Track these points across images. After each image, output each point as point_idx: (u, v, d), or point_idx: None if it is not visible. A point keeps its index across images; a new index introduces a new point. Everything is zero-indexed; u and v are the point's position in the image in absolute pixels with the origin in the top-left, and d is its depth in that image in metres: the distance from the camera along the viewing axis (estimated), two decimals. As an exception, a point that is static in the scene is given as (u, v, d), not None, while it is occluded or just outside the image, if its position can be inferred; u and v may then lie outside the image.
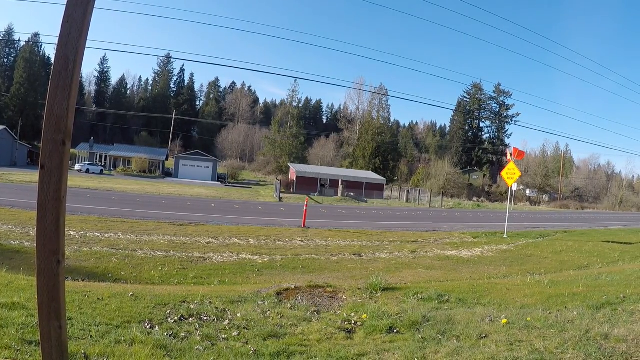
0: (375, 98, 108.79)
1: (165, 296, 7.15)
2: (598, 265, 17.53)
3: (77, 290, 7.14)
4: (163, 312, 6.20)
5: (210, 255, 14.00)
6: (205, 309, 6.42)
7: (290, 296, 7.79)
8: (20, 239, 13.68)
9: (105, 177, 57.50)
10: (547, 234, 27.57)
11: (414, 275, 13.53)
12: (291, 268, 13.24)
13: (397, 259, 16.03)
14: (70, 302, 6.28)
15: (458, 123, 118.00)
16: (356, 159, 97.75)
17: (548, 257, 18.89)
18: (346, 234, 21.37)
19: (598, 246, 23.23)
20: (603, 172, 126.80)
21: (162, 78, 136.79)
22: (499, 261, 17.30)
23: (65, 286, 7.28)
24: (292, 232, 20.36)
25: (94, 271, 11.17)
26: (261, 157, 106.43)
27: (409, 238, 21.53)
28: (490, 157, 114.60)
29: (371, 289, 8.47)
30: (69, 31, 2.47)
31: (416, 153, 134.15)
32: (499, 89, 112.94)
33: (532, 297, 8.59)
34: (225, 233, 18.26)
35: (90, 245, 13.87)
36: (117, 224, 18.36)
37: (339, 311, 6.97)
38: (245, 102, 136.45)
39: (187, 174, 71.60)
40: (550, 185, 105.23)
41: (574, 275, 13.08)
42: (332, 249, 17.02)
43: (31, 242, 13.14)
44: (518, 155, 27.26)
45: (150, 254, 13.54)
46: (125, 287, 8.15)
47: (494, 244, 21.70)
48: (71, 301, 6.36)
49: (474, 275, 14.09)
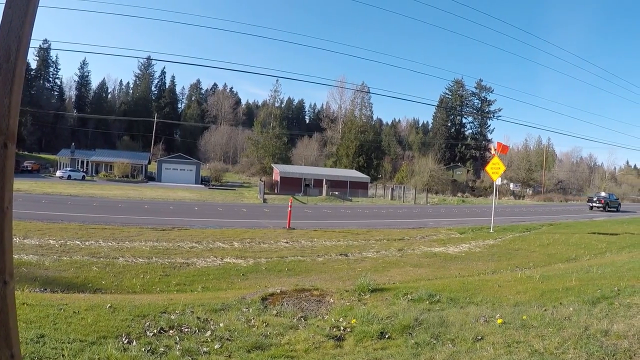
0: (358, 96, 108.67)
1: (145, 307, 6.83)
2: (586, 257, 17.53)
3: (52, 304, 6.82)
4: (142, 325, 5.89)
5: (194, 261, 13.65)
6: (186, 320, 6.10)
7: (276, 301, 7.51)
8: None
9: (87, 183, 56.66)
10: (533, 227, 27.57)
11: (402, 274, 13.32)
12: (277, 271, 12.94)
13: (384, 258, 15.81)
14: (45, 317, 6.02)
15: (440, 119, 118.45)
16: (340, 157, 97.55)
17: (535, 251, 18.83)
18: (332, 233, 21.11)
19: (584, 238, 23.28)
20: (585, 164, 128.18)
21: (143, 81, 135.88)
22: (486, 256, 17.16)
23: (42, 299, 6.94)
24: (277, 233, 20.07)
25: (74, 281, 10.79)
26: (244, 159, 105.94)
27: (395, 236, 21.33)
28: (473, 153, 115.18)
29: (359, 291, 8.23)
30: (11, 18, 2.17)
31: (399, 150, 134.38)
32: (481, 85, 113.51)
33: (525, 293, 8.39)
34: (208, 237, 17.91)
35: (70, 254, 13.48)
36: (98, 231, 17.94)
37: (326, 316, 6.70)
38: (228, 104, 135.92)
39: (170, 178, 70.92)
40: (534, 179, 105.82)
41: (564, 268, 12.97)
42: (318, 249, 16.75)
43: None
44: (502, 150, 27.23)
45: (132, 261, 13.18)
46: (104, 298, 7.81)
47: (480, 239, 21.59)
48: (45, 316, 6.09)
49: (463, 272, 13.92)
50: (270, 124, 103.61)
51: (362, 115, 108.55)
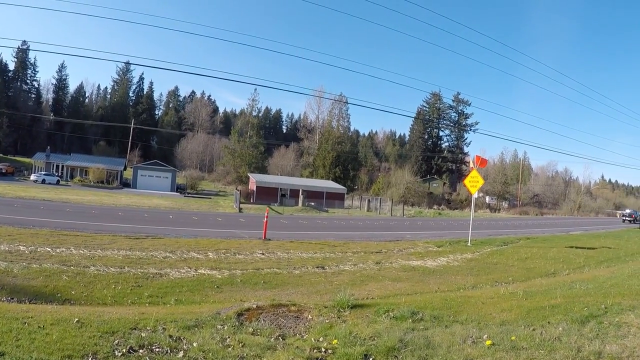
0: (335, 107, 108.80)
1: (115, 322, 6.45)
2: (565, 271, 17.53)
3: (17, 316, 6.43)
4: (110, 343, 5.51)
5: (167, 271, 13.25)
6: (157, 338, 5.73)
7: (252, 317, 7.19)
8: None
9: (61, 188, 55.74)
10: (510, 240, 27.60)
11: (381, 288, 13.06)
12: (252, 284, 12.58)
13: (362, 271, 15.55)
14: (7, 332, 5.64)
15: (417, 132, 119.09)
16: (316, 168, 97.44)
17: (514, 265, 18.75)
18: (308, 245, 20.82)
19: (562, 252, 23.37)
20: (561, 178, 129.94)
21: (121, 87, 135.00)
22: (465, 270, 17.01)
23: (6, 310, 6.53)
24: (252, 244, 19.72)
25: (42, 290, 10.34)
26: (221, 167, 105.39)
27: (372, 248, 21.11)
28: (449, 166, 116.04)
29: (339, 307, 7.95)
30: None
31: (376, 162, 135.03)
32: (458, 98, 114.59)
33: (511, 311, 8.17)
34: (183, 246, 17.50)
35: (40, 262, 12.99)
36: (70, 237, 17.47)
37: (305, 335, 6.38)
38: (205, 112, 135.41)
39: (146, 185, 70.10)
40: (510, 192, 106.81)
41: (547, 284, 12.85)
42: (295, 261, 16.42)
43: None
44: (481, 164, 27.18)
45: (104, 270, 12.73)
46: (72, 311, 7.38)
47: (458, 252, 21.49)
48: (8, 330, 5.71)
49: (442, 287, 13.72)
50: (248, 132, 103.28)
51: (340, 126, 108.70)
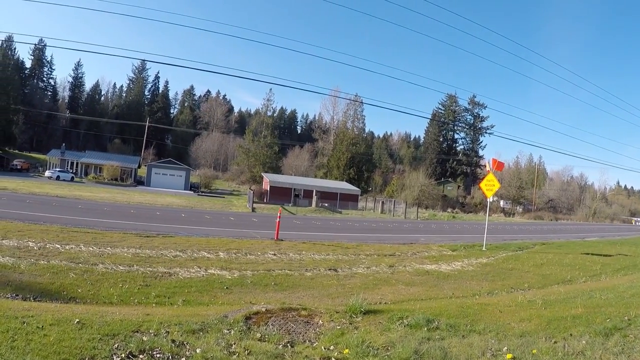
0: (350, 108, 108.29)
1: (117, 323, 6.20)
2: (581, 279, 17.12)
3: (17, 315, 6.21)
4: (109, 346, 5.26)
5: (177, 271, 13.02)
6: (159, 343, 5.46)
7: (260, 321, 6.92)
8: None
9: (75, 185, 55.88)
10: (525, 246, 27.15)
11: (394, 292, 12.75)
12: (262, 285, 12.31)
13: (375, 274, 15.24)
14: (4, 332, 5.41)
15: (432, 134, 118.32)
16: (330, 169, 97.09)
17: (530, 271, 18.33)
18: (321, 246, 20.52)
19: (578, 258, 22.89)
20: (576, 183, 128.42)
21: (136, 85, 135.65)
22: (480, 276, 16.65)
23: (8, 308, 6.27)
24: (264, 244, 19.45)
25: (48, 288, 10.13)
26: (235, 167, 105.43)
27: (386, 251, 20.78)
28: (464, 169, 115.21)
29: (351, 312, 7.65)
30: None
31: (390, 164, 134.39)
32: (474, 101, 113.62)
33: (530, 321, 7.81)
34: (194, 245, 17.28)
35: (48, 258, 12.80)
36: (80, 234, 17.31)
37: (315, 342, 6.10)
38: (220, 111, 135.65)
39: (160, 183, 70.18)
40: (524, 197, 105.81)
41: (565, 292, 12.43)
42: (307, 263, 16.14)
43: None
44: (497, 167, 26.74)
45: (112, 268, 12.53)
46: (74, 310, 7.15)
47: (473, 257, 21.09)
48: (5, 330, 5.48)
49: (457, 292, 13.38)
50: (262, 132, 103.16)
51: (354, 127, 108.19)
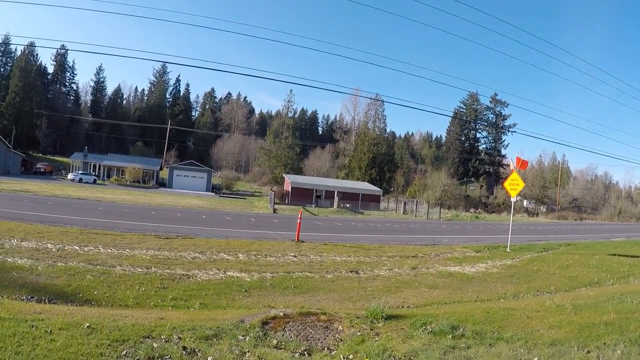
0: (371, 108, 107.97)
1: (128, 328, 5.98)
2: (609, 281, 16.66)
3: (26, 319, 6.03)
4: (117, 353, 5.04)
5: (195, 273, 12.84)
6: (169, 350, 5.21)
7: (277, 327, 6.66)
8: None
9: (97, 187, 56.35)
10: (550, 247, 26.61)
11: (417, 295, 12.41)
12: (282, 288, 12.06)
13: (397, 277, 14.91)
14: (11, 337, 5.20)
15: (454, 134, 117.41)
16: (352, 169, 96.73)
17: (555, 273, 17.86)
18: (342, 248, 20.23)
19: (605, 260, 22.32)
20: (600, 182, 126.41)
21: (157, 88, 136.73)
22: (505, 278, 16.24)
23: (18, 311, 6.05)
24: (285, 246, 19.22)
25: (64, 290, 10.00)
26: (256, 168, 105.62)
27: (408, 253, 20.44)
28: (487, 168, 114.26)
29: (372, 317, 7.34)
30: None
31: (412, 164, 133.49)
32: (496, 99, 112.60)
33: (560, 328, 7.43)
34: (213, 247, 17.10)
35: (66, 260, 12.72)
36: (99, 236, 17.25)
37: (334, 350, 5.80)
38: (241, 113, 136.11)
39: (181, 184, 70.53)
40: (548, 196, 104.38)
41: (594, 296, 12.00)
42: (328, 265, 15.87)
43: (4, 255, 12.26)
44: (522, 165, 26.22)
45: (130, 270, 12.38)
46: (86, 314, 6.94)
47: (497, 258, 20.67)
48: (12, 335, 5.28)
49: (481, 295, 13.02)
50: (283, 134, 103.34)
51: (376, 127, 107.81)
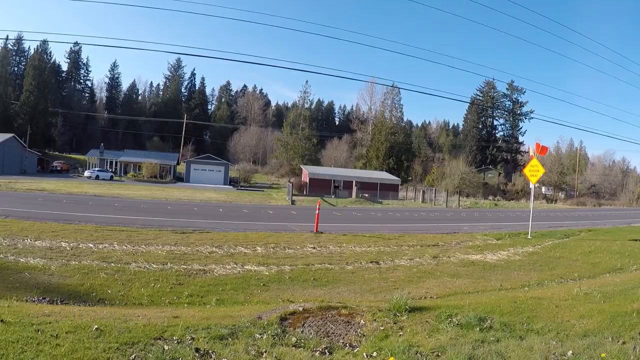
0: (388, 98, 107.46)
1: (139, 329, 5.71)
2: (632, 266, 16.25)
3: (33, 322, 5.76)
4: (126, 357, 4.74)
5: (212, 267, 12.59)
6: (181, 353, 4.91)
7: (297, 323, 6.37)
8: (4, 253, 12.36)
9: (114, 183, 56.52)
10: (571, 233, 26.11)
11: (439, 285, 12.09)
12: (301, 281, 11.79)
13: (418, 266, 14.58)
14: (14, 342, 4.93)
15: (471, 121, 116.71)
16: (370, 159, 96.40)
17: (578, 259, 17.42)
18: (362, 238, 19.93)
19: (627, 245, 21.82)
20: (618, 168, 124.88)
21: (172, 83, 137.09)
22: (527, 265, 15.86)
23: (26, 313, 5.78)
24: (303, 238, 18.94)
25: (77, 289, 9.77)
26: (274, 160, 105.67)
27: (429, 241, 20.09)
28: (504, 155, 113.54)
29: (395, 310, 7.02)
30: None
31: (430, 152, 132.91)
32: (512, 86, 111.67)
33: (591, 317, 7.08)
34: (230, 241, 16.86)
35: (79, 259, 12.48)
36: (115, 233, 17.05)
37: (357, 347, 5.49)
38: (257, 105, 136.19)
39: (199, 179, 70.63)
40: (566, 183, 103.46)
41: (621, 282, 11.63)
42: (347, 256, 15.57)
43: (16, 255, 12.05)
44: (541, 151, 25.68)
45: (145, 267, 12.15)
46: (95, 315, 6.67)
47: (519, 245, 20.28)
48: (15, 340, 5.00)
49: (505, 284, 12.66)
50: (300, 125, 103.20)
51: (392, 116, 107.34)
